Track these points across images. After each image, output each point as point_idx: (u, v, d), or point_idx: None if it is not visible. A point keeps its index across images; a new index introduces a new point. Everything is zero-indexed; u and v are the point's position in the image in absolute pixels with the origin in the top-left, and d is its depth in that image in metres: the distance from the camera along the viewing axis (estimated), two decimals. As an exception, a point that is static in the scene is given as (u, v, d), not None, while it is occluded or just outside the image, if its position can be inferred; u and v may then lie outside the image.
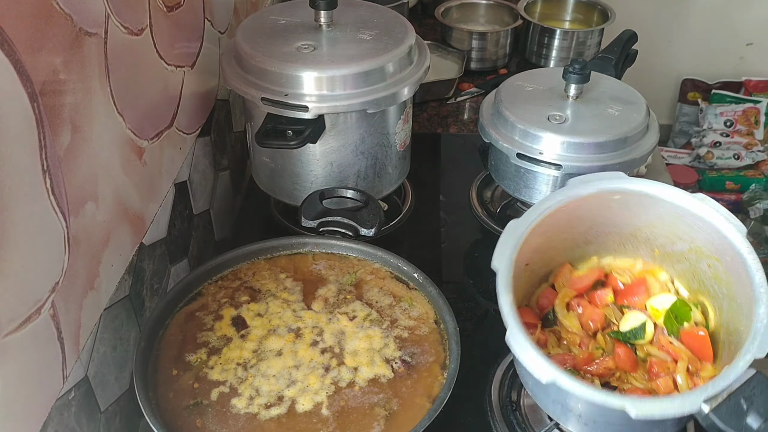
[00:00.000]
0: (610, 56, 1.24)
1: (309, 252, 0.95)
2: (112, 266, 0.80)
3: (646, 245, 0.86)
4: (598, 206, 0.83)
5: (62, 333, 0.68)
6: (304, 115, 0.96)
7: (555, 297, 0.86)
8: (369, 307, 0.87)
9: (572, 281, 0.87)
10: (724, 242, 0.75)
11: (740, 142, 2.87)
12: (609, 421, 0.72)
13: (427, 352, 0.82)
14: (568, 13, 1.81)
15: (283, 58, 0.97)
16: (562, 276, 0.88)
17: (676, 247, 0.83)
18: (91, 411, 0.75)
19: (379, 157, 1.07)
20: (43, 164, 0.63)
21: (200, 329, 0.83)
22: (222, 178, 1.22)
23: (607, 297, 0.85)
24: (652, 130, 1.06)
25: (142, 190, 0.88)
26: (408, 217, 1.20)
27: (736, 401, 0.63)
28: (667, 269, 0.86)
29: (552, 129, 1.01)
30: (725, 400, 0.63)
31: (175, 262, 1.01)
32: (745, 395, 0.63)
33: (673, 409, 0.64)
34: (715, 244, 0.77)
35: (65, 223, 0.68)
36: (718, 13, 2.86)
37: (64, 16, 0.66)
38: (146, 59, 0.87)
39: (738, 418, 0.62)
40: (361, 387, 0.77)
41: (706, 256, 0.79)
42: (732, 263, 0.75)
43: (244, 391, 0.76)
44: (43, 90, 0.63)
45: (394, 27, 1.05)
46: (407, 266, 0.91)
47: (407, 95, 1.01)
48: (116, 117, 0.79)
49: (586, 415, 0.73)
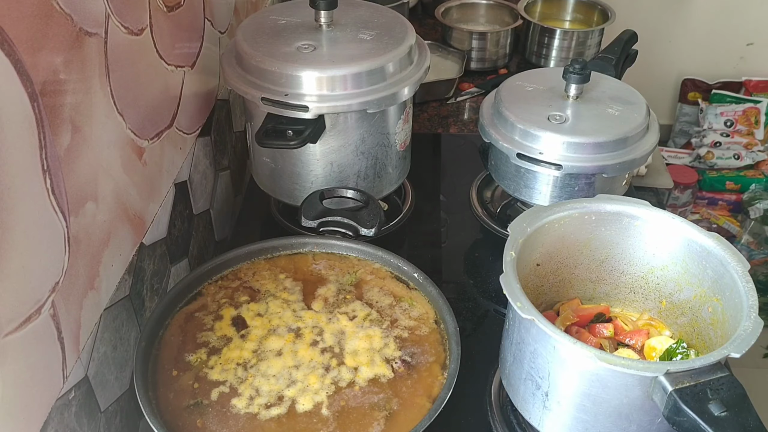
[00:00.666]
0: (610, 56, 1.24)
1: (309, 252, 0.95)
2: (112, 266, 0.80)
3: (656, 293, 0.88)
4: (618, 231, 0.86)
5: (62, 333, 0.68)
6: (305, 115, 0.96)
7: (555, 320, 0.87)
8: (369, 307, 0.87)
9: (577, 310, 0.89)
10: (726, 276, 0.77)
11: (740, 142, 2.87)
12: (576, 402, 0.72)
13: (427, 352, 0.82)
14: (568, 13, 1.81)
15: (283, 58, 0.97)
16: (569, 305, 0.89)
17: (683, 294, 0.84)
18: (91, 411, 0.75)
19: (380, 157, 1.07)
20: (43, 164, 0.63)
21: (200, 329, 0.83)
22: (222, 178, 1.23)
23: (608, 331, 0.86)
24: (653, 130, 1.06)
25: (143, 190, 0.88)
26: (408, 217, 1.20)
27: (702, 389, 0.63)
28: (671, 325, 0.87)
29: (552, 129, 1.01)
30: (691, 385, 0.63)
31: (176, 262, 1.01)
32: (713, 387, 0.63)
33: (636, 366, 0.65)
34: (719, 283, 0.78)
35: (65, 222, 0.68)
36: (718, 13, 2.86)
37: (65, 16, 0.66)
38: (146, 59, 0.87)
39: (700, 402, 0.62)
40: (361, 387, 0.77)
41: (709, 299, 0.80)
42: (731, 296, 0.76)
43: (244, 391, 0.76)
44: (43, 90, 0.63)
45: (395, 27, 1.05)
46: (407, 266, 0.91)
47: (407, 95, 1.01)
48: (116, 117, 0.79)
49: (554, 389, 0.73)
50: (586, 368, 0.68)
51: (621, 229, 0.86)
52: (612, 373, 0.66)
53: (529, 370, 0.75)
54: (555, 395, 0.73)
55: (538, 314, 0.69)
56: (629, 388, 0.67)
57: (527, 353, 0.74)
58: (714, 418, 0.61)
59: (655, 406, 0.66)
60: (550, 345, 0.71)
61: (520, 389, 0.79)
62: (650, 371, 0.65)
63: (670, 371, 0.64)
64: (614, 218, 0.86)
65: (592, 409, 0.71)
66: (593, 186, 1.05)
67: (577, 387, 0.71)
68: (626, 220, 0.86)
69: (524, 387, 0.77)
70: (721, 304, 0.78)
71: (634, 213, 0.85)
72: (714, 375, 0.64)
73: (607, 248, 0.88)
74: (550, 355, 0.71)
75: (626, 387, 0.67)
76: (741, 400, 0.63)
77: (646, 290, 0.89)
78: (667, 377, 0.64)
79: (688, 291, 0.83)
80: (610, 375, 0.67)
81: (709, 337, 0.80)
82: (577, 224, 0.86)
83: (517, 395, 0.80)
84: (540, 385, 0.74)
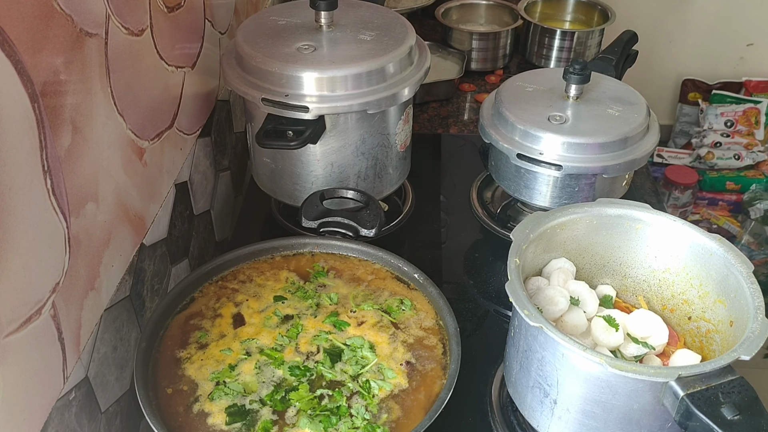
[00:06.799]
0: (610, 57, 1.24)
1: (309, 252, 0.95)
2: (112, 267, 0.80)
3: (658, 296, 0.88)
4: (620, 234, 0.87)
5: (63, 333, 0.68)
6: (305, 115, 0.96)
7: None
8: (370, 308, 0.87)
9: None
10: (731, 277, 0.77)
11: (741, 142, 2.87)
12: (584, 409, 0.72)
13: (429, 353, 0.82)
14: (568, 13, 1.81)
15: (283, 58, 0.97)
16: None
17: (686, 297, 0.84)
18: (91, 411, 0.75)
19: (380, 158, 1.07)
20: (44, 165, 0.63)
21: (201, 329, 0.83)
22: (222, 179, 1.23)
23: None
24: (653, 131, 1.06)
25: (143, 191, 0.88)
26: (408, 218, 1.20)
27: (713, 393, 0.63)
28: (674, 327, 0.87)
29: (552, 129, 1.01)
30: (703, 389, 0.63)
31: (176, 263, 1.01)
32: (724, 390, 0.63)
33: (647, 372, 0.64)
34: (723, 284, 0.78)
35: (66, 223, 0.68)
36: (718, 13, 2.86)
37: (65, 16, 0.66)
38: (147, 60, 0.87)
39: (712, 406, 0.62)
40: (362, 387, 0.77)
41: (714, 301, 0.80)
42: (736, 298, 0.76)
43: (245, 391, 0.76)
44: (43, 90, 0.63)
45: (395, 27, 1.05)
46: (408, 266, 0.91)
47: (407, 96, 1.01)
48: (117, 117, 0.79)
49: (562, 396, 0.73)
50: (596, 375, 0.68)
51: (622, 233, 0.86)
52: (622, 379, 0.66)
53: (537, 378, 0.75)
54: (564, 403, 0.73)
55: (546, 322, 0.69)
56: (639, 394, 0.67)
57: (534, 361, 0.74)
58: (727, 421, 0.61)
59: (666, 411, 0.66)
60: (558, 352, 0.70)
61: (527, 397, 0.78)
62: (661, 376, 0.64)
63: (682, 376, 0.64)
64: (616, 222, 0.86)
65: (602, 416, 0.71)
66: (593, 186, 1.05)
67: (586, 394, 0.70)
68: (628, 224, 0.86)
69: (532, 395, 0.77)
70: (726, 305, 0.78)
71: (636, 216, 0.85)
72: (725, 378, 0.64)
73: (609, 252, 0.88)
74: (559, 363, 0.71)
75: (636, 392, 0.67)
76: (753, 402, 0.62)
77: (649, 293, 0.89)
78: (678, 382, 0.64)
79: (692, 293, 0.83)
80: (621, 381, 0.67)
81: (714, 339, 0.80)
82: (578, 228, 0.86)
83: (524, 403, 0.79)
84: (548, 392, 0.74)
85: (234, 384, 0.77)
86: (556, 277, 0.84)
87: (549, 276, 0.86)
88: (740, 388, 0.63)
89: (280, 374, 0.78)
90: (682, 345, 0.84)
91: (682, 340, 0.85)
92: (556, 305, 0.80)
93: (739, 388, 0.63)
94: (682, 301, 0.85)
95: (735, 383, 0.64)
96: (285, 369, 0.78)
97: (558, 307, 0.80)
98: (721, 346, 0.78)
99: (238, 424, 0.73)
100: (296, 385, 0.77)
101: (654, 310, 0.87)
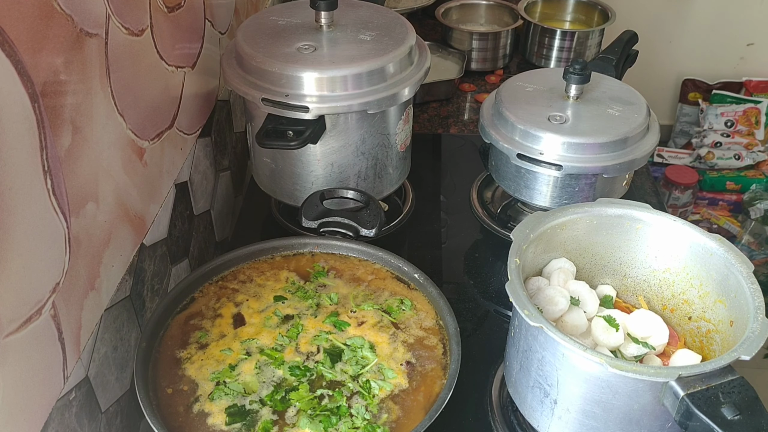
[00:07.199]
0: (610, 57, 1.24)
1: (309, 252, 0.95)
2: (112, 267, 0.80)
3: (659, 296, 0.88)
4: (620, 234, 0.87)
5: (63, 333, 0.68)
6: (305, 115, 0.96)
7: None
8: (370, 308, 0.87)
9: None
10: (731, 277, 0.77)
11: (741, 142, 2.87)
12: (585, 409, 0.72)
13: (429, 353, 0.82)
14: (568, 13, 1.81)
15: (283, 58, 0.97)
16: None
17: (687, 297, 0.84)
18: (91, 411, 0.75)
19: (380, 158, 1.07)
20: (44, 165, 0.63)
21: (201, 329, 0.83)
22: (223, 179, 1.23)
23: None
24: (653, 131, 1.06)
25: (143, 191, 0.88)
26: (408, 218, 1.20)
27: (713, 393, 0.63)
28: (675, 327, 0.87)
29: (552, 129, 1.01)
30: (703, 389, 0.63)
31: (176, 263, 1.01)
32: (724, 390, 0.63)
33: (647, 372, 0.64)
34: (723, 284, 0.78)
35: (66, 223, 0.68)
36: (718, 13, 2.86)
37: (65, 16, 0.66)
38: (147, 60, 0.87)
39: (712, 406, 0.62)
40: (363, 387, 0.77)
41: (714, 301, 0.80)
42: (736, 298, 0.76)
43: (245, 391, 0.76)
44: (43, 91, 0.63)
45: (395, 27, 1.05)
46: (408, 266, 0.91)
47: (408, 96, 1.01)
48: (117, 117, 0.79)
49: (562, 396, 0.73)
50: (596, 375, 0.68)
51: (623, 233, 0.86)
52: (623, 379, 0.66)
53: (537, 378, 0.75)
54: (564, 403, 0.73)
55: (546, 322, 0.69)
56: (640, 394, 0.67)
57: (534, 361, 0.74)
58: (727, 421, 0.61)
59: (666, 411, 0.66)
60: (558, 352, 0.70)
61: (527, 397, 0.78)
62: (661, 376, 0.64)
63: (682, 376, 0.64)
64: (616, 222, 0.86)
65: (602, 416, 0.71)
66: (593, 186, 1.05)
67: (586, 394, 0.70)
68: (628, 224, 0.86)
69: (532, 395, 0.77)
70: (726, 305, 0.78)
71: (636, 216, 0.85)
72: (725, 378, 0.64)
73: (609, 252, 0.88)
74: (559, 363, 0.71)
75: (636, 392, 0.67)
76: (753, 402, 0.63)
77: (649, 293, 0.89)
78: (678, 382, 0.64)
79: (692, 293, 0.83)
80: (621, 381, 0.67)
81: (714, 339, 0.80)
82: (579, 229, 0.86)
83: (524, 403, 0.79)
84: (548, 392, 0.74)
85: (234, 384, 0.77)
86: (556, 277, 0.84)
87: (549, 276, 0.86)
88: (740, 388, 0.63)
89: (280, 374, 0.78)
90: (683, 345, 0.84)
91: (682, 340, 0.85)
92: (557, 305, 0.80)
93: (740, 388, 0.63)
94: (683, 301, 0.85)
95: (735, 383, 0.64)
96: (285, 369, 0.79)
97: (558, 307, 0.80)
98: (721, 346, 0.78)
99: (238, 424, 0.73)
100: (296, 385, 0.77)
101: (654, 310, 0.87)
